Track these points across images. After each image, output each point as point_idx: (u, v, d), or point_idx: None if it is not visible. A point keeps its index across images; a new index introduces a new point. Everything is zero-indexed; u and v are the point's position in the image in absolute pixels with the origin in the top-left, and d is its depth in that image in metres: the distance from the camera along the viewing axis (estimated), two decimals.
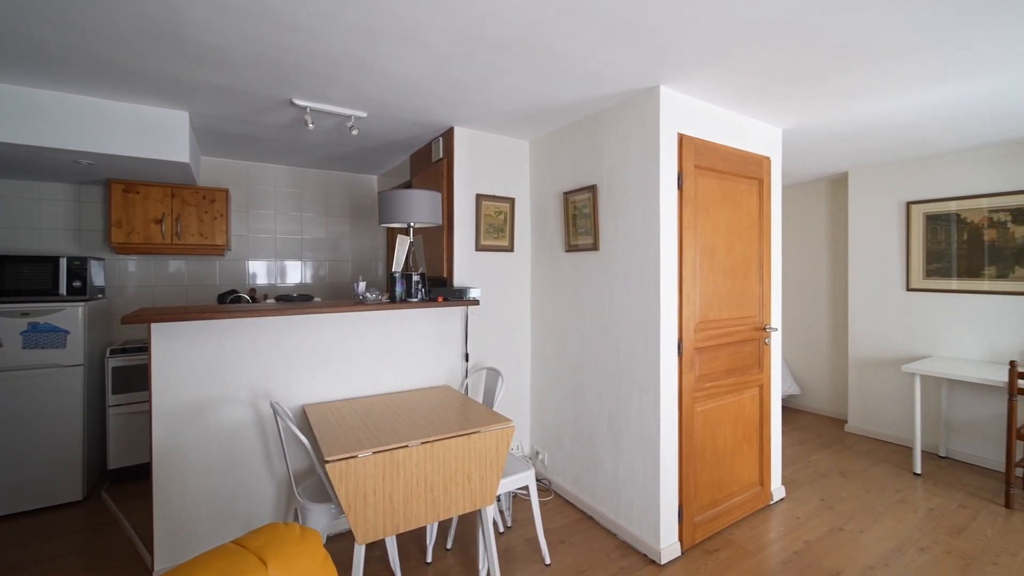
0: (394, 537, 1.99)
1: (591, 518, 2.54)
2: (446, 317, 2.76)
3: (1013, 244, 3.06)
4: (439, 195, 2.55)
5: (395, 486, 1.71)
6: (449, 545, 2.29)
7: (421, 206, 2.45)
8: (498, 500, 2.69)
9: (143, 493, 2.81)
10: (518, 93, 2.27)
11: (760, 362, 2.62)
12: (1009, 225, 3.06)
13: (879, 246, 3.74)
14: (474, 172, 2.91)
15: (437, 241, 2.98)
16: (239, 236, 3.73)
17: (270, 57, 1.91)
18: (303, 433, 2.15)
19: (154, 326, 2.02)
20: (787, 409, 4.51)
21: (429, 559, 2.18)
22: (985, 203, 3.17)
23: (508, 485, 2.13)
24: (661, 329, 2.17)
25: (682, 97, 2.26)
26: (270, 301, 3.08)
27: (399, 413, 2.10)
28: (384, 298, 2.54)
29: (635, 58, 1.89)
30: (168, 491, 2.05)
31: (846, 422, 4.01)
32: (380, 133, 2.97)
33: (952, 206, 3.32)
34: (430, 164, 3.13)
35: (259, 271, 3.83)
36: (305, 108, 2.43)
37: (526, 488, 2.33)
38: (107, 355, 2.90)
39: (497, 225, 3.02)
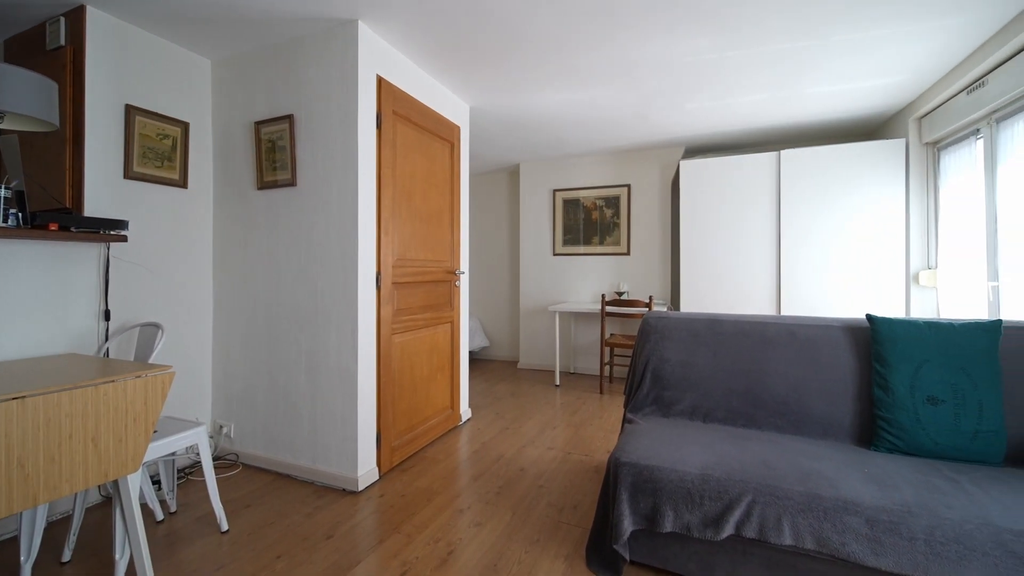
0: None
1: (288, 476, 2.37)
2: (70, 260, 2.04)
3: (605, 221, 4.57)
4: (55, 86, 1.84)
5: None
6: (67, 557, 1.70)
7: (13, 87, 1.70)
8: (157, 485, 2.17)
9: None
10: None
11: (452, 302, 3.02)
12: (604, 209, 4.57)
13: (538, 222, 4.90)
14: (124, 77, 2.24)
15: (54, 156, 2.15)
16: None
17: None
18: None
19: None
20: (480, 360, 5.37)
21: None
22: (593, 193, 4.61)
23: (167, 447, 1.75)
24: (359, 263, 2.22)
25: (382, 42, 2.36)
26: None
27: None
28: None
29: None
30: None
31: (519, 361, 5.09)
32: None
33: (578, 194, 4.69)
34: (42, 53, 2.23)
35: None
36: None
37: (195, 449, 1.90)
38: None
39: (162, 152, 2.42)
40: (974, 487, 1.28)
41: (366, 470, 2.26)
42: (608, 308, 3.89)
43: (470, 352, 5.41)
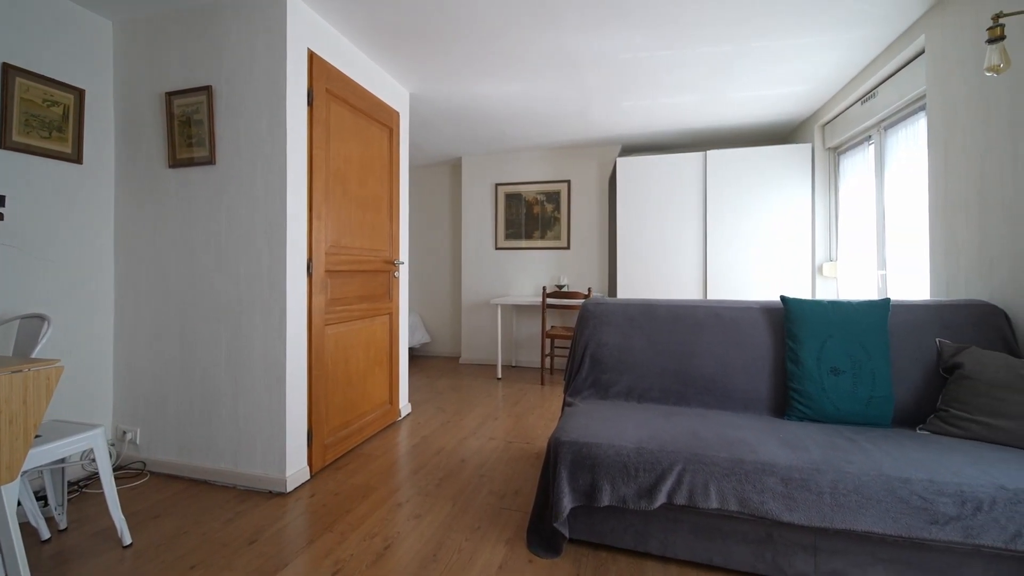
0: None
1: (205, 482, 2.17)
2: None
3: (546, 216, 4.65)
4: None
5: None
6: None
7: None
8: (43, 502, 1.90)
9: None
10: None
11: (390, 293, 2.92)
12: (545, 203, 4.65)
13: (480, 216, 4.88)
14: (1, 32, 1.94)
15: None
16: None
17: None
18: None
19: None
20: (421, 356, 5.25)
21: None
22: (535, 188, 4.68)
23: (53, 453, 1.53)
24: (288, 248, 2.08)
25: (314, 15, 2.22)
26: None
27: None
28: None
29: None
30: None
31: (460, 357, 5.04)
32: None
33: (520, 188, 4.73)
34: None
35: None
36: None
37: (91, 456, 1.66)
38: None
39: (50, 121, 2.13)
40: (869, 445, 1.43)
41: (296, 470, 2.11)
42: (549, 300, 3.95)
43: (411, 348, 5.27)
